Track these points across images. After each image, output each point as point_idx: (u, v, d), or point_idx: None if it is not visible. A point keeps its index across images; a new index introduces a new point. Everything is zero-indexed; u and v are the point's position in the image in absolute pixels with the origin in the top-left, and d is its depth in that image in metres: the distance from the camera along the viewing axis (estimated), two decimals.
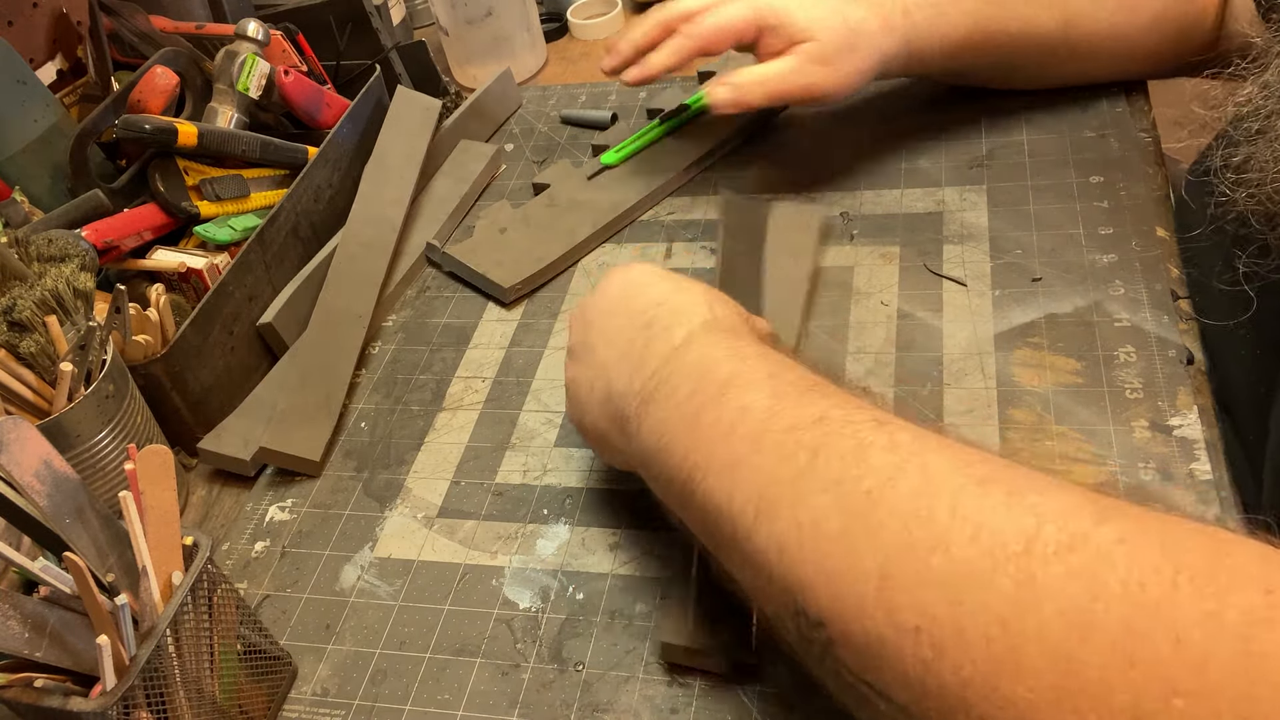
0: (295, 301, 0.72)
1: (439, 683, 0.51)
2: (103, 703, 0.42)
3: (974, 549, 0.30)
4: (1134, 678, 0.26)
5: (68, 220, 0.69)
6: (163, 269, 0.71)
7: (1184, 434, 0.52)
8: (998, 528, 0.31)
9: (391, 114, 0.82)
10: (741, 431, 0.38)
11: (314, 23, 0.87)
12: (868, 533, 0.33)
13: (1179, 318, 0.58)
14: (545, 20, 1.05)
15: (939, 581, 0.30)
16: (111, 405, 0.58)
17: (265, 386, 0.69)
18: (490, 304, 0.74)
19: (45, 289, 0.58)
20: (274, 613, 0.56)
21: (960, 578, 0.30)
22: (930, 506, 0.32)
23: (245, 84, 0.78)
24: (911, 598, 0.31)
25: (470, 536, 0.58)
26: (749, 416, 0.38)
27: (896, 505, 0.33)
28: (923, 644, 0.30)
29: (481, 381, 0.68)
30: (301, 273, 0.73)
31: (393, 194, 0.78)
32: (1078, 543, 0.29)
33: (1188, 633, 0.26)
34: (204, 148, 0.73)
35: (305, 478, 0.64)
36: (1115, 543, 0.29)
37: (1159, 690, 0.26)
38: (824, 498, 0.34)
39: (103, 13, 0.83)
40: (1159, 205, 0.65)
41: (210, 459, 0.65)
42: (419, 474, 0.62)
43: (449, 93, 0.95)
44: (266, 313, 0.70)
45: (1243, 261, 0.50)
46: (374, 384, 0.70)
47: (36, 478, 0.44)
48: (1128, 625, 0.27)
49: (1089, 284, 0.61)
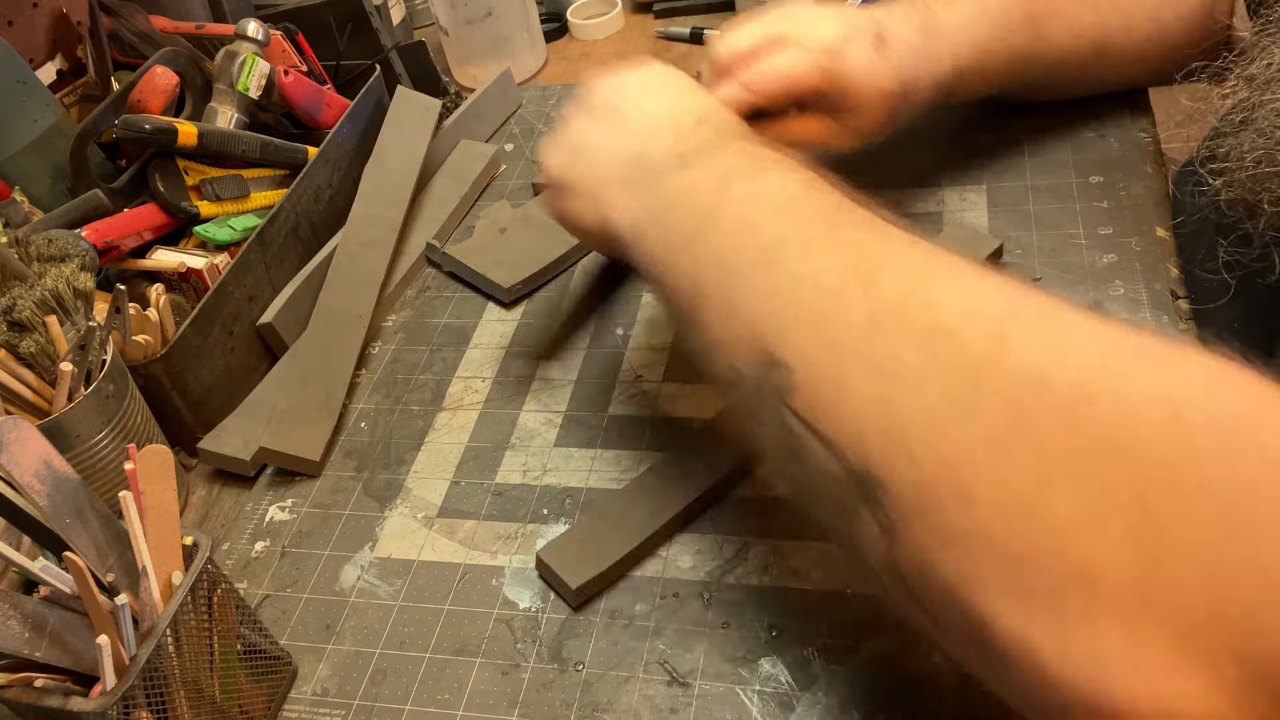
0: (295, 301, 0.72)
1: (439, 683, 0.51)
2: (103, 703, 0.42)
3: (958, 314, 0.34)
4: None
5: (68, 220, 0.69)
6: (163, 269, 0.71)
7: None
8: (985, 297, 0.35)
9: (391, 114, 0.82)
10: (767, 202, 0.43)
11: (314, 23, 0.87)
12: (863, 289, 0.36)
13: (1179, 318, 0.58)
14: (545, 20, 1.05)
15: (926, 331, 0.34)
16: (111, 405, 0.58)
17: (265, 386, 0.69)
18: (490, 304, 0.74)
19: (45, 289, 0.58)
20: (274, 613, 0.56)
21: (940, 332, 0.34)
22: (931, 281, 0.36)
23: (245, 84, 0.78)
24: (891, 347, 0.34)
25: (470, 536, 0.58)
26: (778, 194, 0.43)
27: (901, 278, 0.36)
28: (891, 383, 0.33)
29: (481, 381, 0.68)
30: (301, 273, 0.73)
31: (393, 194, 0.78)
32: (1050, 313, 0.33)
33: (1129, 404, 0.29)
34: (204, 148, 0.73)
35: (305, 478, 0.64)
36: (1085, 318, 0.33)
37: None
38: (832, 258, 0.38)
39: (103, 13, 0.83)
40: (1159, 205, 0.65)
41: (210, 459, 0.65)
42: (419, 474, 0.62)
43: (449, 93, 0.95)
44: (266, 313, 0.70)
45: (1224, 250, 0.52)
46: (374, 384, 0.70)
47: (36, 478, 0.44)
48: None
49: (1089, 284, 0.61)
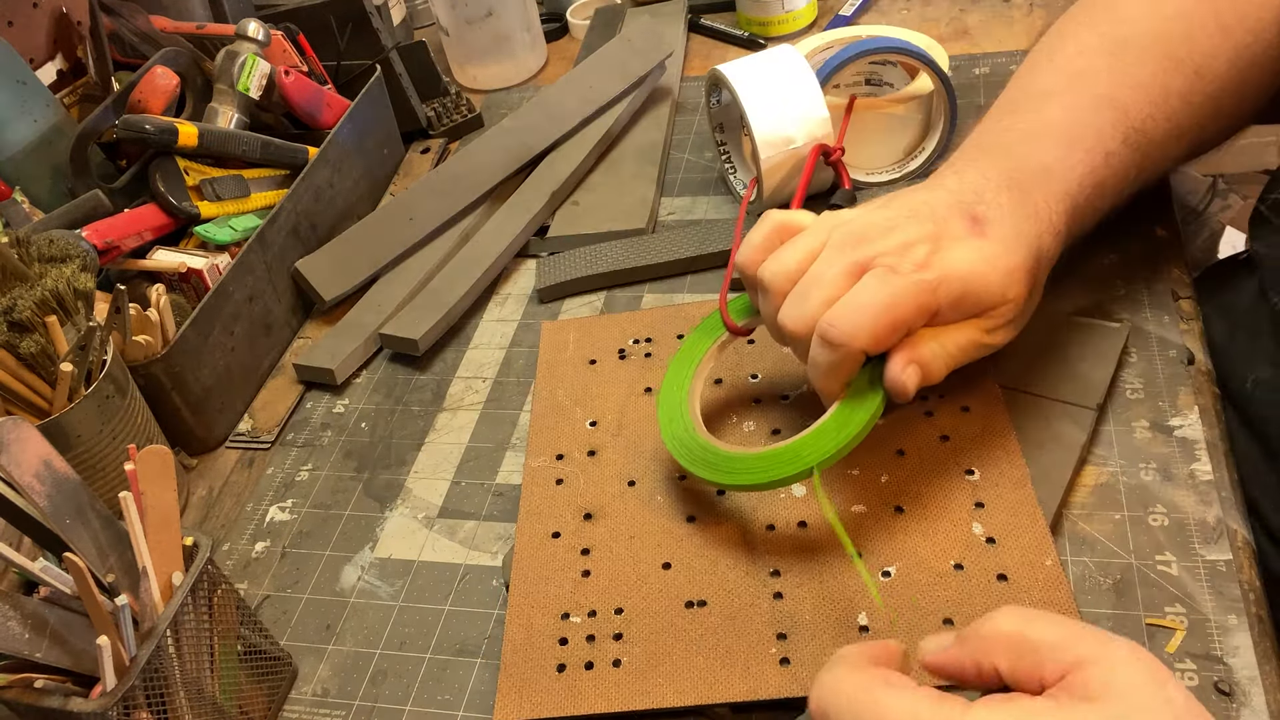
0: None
1: (439, 683, 0.51)
2: (103, 703, 0.42)
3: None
4: None
5: (68, 220, 0.69)
6: (163, 269, 0.71)
7: (1185, 434, 0.52)
8: None
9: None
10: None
11: (314, 23, 0.87)
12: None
13: (1180, 318, 0.58)
14: (545, 20, 1.05)
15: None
16: (111, 405, 0.58)
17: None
18: (490, 304, 0.74)
19: (46, 289, 0.58)
20: (274, 613, 0.56)
21: None
22: None
23: (246, 84, 0.78)
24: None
25: (470, 537, 0.58)
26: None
27: None
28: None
29: (481, 381, 0.68)
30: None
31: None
32: None
33: None
34: (204, 148, 0.73)
35: (305, 478, 0.64)
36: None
37: None
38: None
39: (103, 13, 0.83)
40: (1159, 205, 0.65)
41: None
42: (419, 474, 0.62)
43: (449, 93, 0.95)
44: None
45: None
46: (374, 384, 0.70)
47: (36, 478, 0.44)
48: None
49: (1089, 284, 0.61)
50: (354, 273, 0.75)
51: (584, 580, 0.51)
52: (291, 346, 0.75)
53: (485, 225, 0.77)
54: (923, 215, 0.47)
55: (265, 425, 0.68)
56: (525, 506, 0.55)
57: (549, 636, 0.49)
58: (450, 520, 0.59)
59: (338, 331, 0.72)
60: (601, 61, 0.85)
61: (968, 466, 0.51)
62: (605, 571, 0.51)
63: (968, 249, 0.46)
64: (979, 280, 0.46)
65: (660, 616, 0.48)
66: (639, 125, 0.85)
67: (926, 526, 0.49)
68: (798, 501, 0.51)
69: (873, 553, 0.48)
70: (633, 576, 0.50)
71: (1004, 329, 0.48)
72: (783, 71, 0.68)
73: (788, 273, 0.48)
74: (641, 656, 0.47)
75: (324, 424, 0.68)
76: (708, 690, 0.45)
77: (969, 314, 0.47)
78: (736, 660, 0.46)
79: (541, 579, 0.51)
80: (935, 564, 0.47)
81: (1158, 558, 0.47)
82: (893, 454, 0.52)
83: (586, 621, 0.49)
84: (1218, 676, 0.43)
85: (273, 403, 0.70)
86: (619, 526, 0.53)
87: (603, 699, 0.46)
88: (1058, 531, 0.49)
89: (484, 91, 0.99)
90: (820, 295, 0.46)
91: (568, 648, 0.48)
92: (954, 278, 0.46)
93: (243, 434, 0.68)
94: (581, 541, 0.53)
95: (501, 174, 0.80)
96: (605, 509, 0.54)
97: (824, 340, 0.45)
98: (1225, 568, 0.46)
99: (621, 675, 0.47)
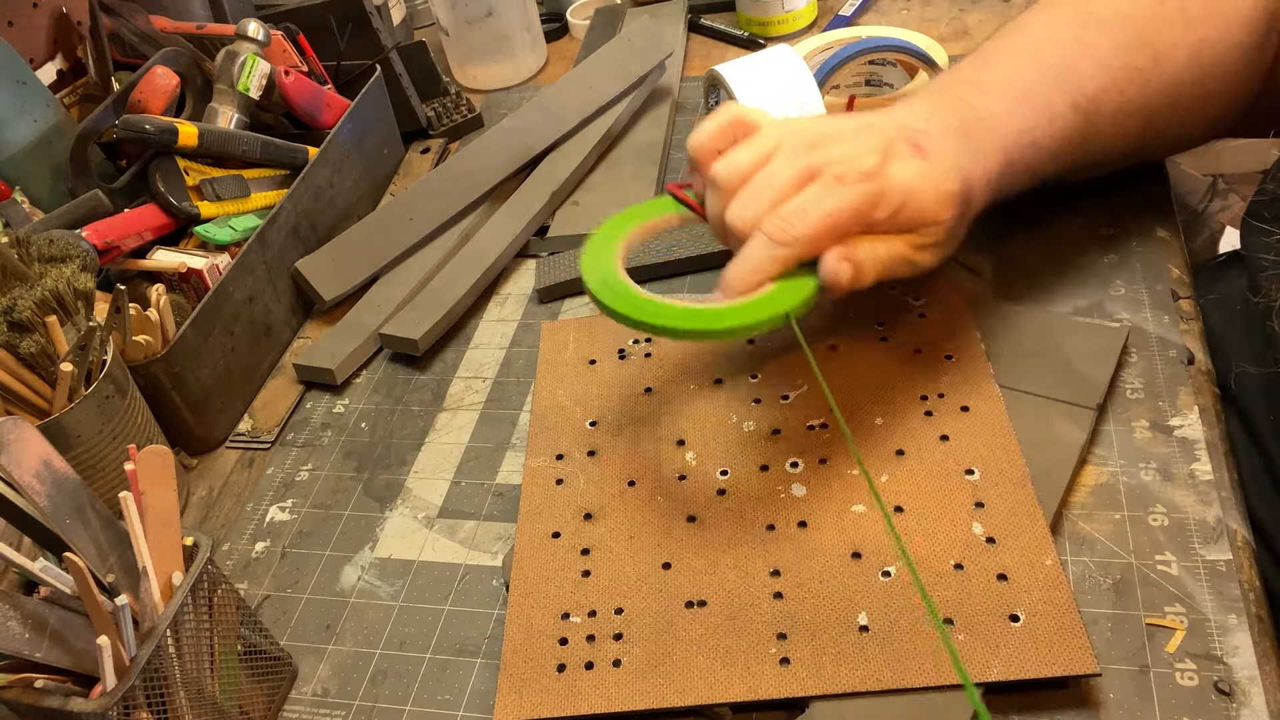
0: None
1: (439, 683, 0.51)
2: (103, 703, 0.42)
3: None
4: None
5: (68, 220, 0.69)
6: (163, 269, 0.71)
7: (1185, 434, 0.52)
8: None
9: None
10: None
11: (314, 23, 0.87)
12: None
13: (1180, 318, 0.58)
14: (545, 20, 1.05)
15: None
16: (111, 405, 0.58)
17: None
18: (490, 304, 0.74)
19: (46, 289, 0.58)
20: (274, 613, 0.56)
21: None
22: None
23: (246, 84, 0.78)
24: None
25: (470, 536, 0.58)
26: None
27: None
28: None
29: (481, 381, 0.68)
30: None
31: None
32: None
33: None
34: (204, 148, 0.73)
35: (305, 478, 0.64)
36: None
37: None
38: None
39: (103, 13, 0.83)
40: (1159, 205, 0.65)
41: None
42: (419, 474, 0.62)
43: (449, 93, 0.95)
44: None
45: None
46: (374, 384, 0.70)
47: (36, 478, 0.44)
48: None
49: (1089, 284, 0.61)
50: (354, 273, 0.75)
51: (584, 580, 0.51)
52: (291, 346, 0.75)
53: (485, 225, 0.77)
54: (873, 131, 0.50)
55: (265, 425, 0.68)
56: (525, 506, 0.55)
57: (549, 636, 0.49)
58: (450, 520, 0.59)
59: (338, 331, 0.72)
60: (601, 61, 0.85)
61: (968, 466, 0.51)
62: (605, 571, 0.51)
63: (910, 166, 0.49)
64: (918, 196, 0.49)
65: (660, 616, 0.48)
66: (639, 125, 0.85)
67: (926, 526, 0.49)
68: (798, 501, 0.51)
69: (873, 552, 0.48)
70: (633, 576, 0.50)
71: (930, 250, 0.51)
72: (780, 72, 0.68)
73: (741, 172, 0.50)
74: (641, 656, 0.47)
75: (324, 424, 0.68)
76: (708, 690, 0.45)
77: (903, 228, 0.50)
78: (736, 660, 0.46)
79: (541, 579, 0.51)
80: (935, 564, 0.47)
81: (1158, 558, 0.47)
82: (893, 454, 0.52)
83: (586, 621, 0.49)
84: (1218, 676, 0.43)
85: (273, 403, 0.70)
86: (619, 526, 0.53)
87: (603, 699, 0.46)
88: (1058, 531, 0.49)
89: (484, 91, 0.99)
90: (770, 197, 0.48)
91: (568, 648, 0.48)
92: (896, 189, 0.48)
93: (243, 434, 0.68)
94: (581, 541, 0.53)
95: (501, 174, 0.80)
96: (605, 509, 0.54)
97: (770, 239, 0.48)
98: (1225, 568, 0.46)
99: (621, 675, 0.47)
